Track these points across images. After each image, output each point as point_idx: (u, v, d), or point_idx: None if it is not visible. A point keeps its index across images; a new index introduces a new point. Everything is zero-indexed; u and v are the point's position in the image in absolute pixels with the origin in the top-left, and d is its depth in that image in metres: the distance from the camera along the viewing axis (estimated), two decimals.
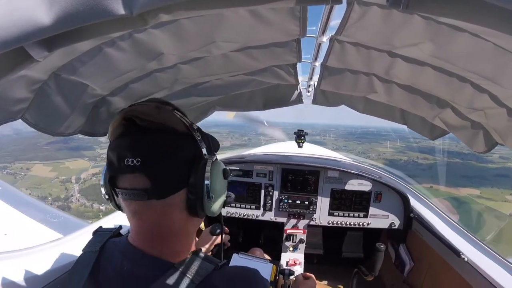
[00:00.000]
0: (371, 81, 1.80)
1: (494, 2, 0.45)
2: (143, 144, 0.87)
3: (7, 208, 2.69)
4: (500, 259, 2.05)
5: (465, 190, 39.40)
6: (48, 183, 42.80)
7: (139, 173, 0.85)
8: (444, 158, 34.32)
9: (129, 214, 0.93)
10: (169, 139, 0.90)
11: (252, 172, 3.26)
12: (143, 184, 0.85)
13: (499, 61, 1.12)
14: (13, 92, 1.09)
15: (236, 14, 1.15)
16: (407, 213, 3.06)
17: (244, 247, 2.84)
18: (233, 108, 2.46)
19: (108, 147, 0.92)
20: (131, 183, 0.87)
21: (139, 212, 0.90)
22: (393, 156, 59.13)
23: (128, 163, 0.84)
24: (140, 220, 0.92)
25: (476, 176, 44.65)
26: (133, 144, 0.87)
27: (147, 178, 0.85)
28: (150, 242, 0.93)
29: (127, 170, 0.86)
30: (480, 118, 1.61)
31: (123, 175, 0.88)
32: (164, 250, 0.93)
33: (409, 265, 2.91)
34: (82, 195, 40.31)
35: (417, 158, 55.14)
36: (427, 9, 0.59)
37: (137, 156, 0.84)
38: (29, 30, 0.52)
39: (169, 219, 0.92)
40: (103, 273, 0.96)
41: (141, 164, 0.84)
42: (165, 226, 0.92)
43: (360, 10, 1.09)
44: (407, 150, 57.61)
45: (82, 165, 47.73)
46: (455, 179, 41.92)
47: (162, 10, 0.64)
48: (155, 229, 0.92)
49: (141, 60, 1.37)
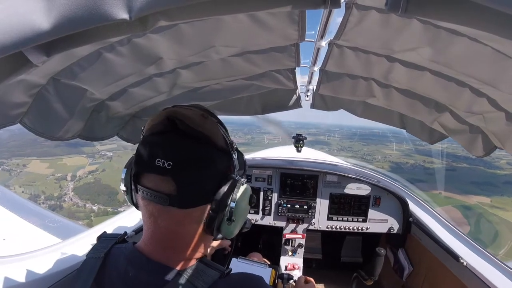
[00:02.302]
0: (370, 86, 1.80)
1: (493, 6, 0.45)
2: (179, 148, 0.85)
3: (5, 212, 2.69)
4: (499, 263, 2.04)
5: (475, 198, 38.72)
6: (43, 180, 42.52)
7: (167, 177, 0.83)
8: (451, 162, 34.05)
9: (146, 214, 0.91)
10: (206, 151, 0.87)
11: (250, 177, 3.25)
12: (168, 189, 0.83)
13: (497, 65, 1.12)
14: (11, 97, 1.09)
15: (235, 19, 1.15)
16: (406, 217, 3.06)
17: (243, 251, 2.83)
18: (232, 112, 2.46)
19: (141, 141, 0.90)
20: (156, 185, 0.85)
21: (156, 215, 0.88)
22: (399, 159, 58.62)
23: (158, 164, 0.82)
24: (155, 223, 0.89)
25: (485, 183, 44.08)
26: (169, 145, 0.85)
27: (174, 184, 0.83)
28: (161, 249, 0.92)
29: (156, 170, 0.83)
30: (478, 122, 1.61)
31: (150, 174, 0.86)
32: (172, 257, 0.92)
33: (408, 270, 2.91)
34: (76, 193, 40.11)
35: (424, 161, 54.59)
36: (425, 13, 0.59)
37: (169, 159, 0.82)
38: (27, 34, 0.52)
39: (184, 230, 0.90)
40: (108, 279, 0.94)
41: (172, 168, 0.81)
42: (179, 235, 0.91)
43: (358, 15, 1.09)
44: (414, 153, 57.01)
45: (80, 162, 47.43)
46: (464, 186, 41.48)
47: (161, 15, 0.64)
48: (169, 236, 0.90)
49: (140, 64, 1.37)
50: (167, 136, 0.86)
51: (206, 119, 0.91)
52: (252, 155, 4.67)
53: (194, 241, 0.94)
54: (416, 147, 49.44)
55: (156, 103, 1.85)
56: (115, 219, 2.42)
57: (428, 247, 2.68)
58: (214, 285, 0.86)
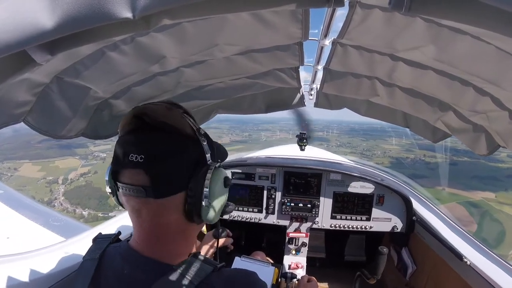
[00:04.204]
0: (373, 85, 1.80)
1: (496, 5, 0.45)
2: (149, 141, 0.89)
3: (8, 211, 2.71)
4: (503, 262, 2.03)
5: (480, 193, 38.00)
6: (34, 185, 42.25)
7: (140, 170, 0.86)
8: (451, 156, 33.37)
9: (129, 210, 0.94)
10: (175, 140, 0.91)
11: (254, 175, 3.25)
12: (143, 181, 0.86)
13: (501, 64, 1.12)
14: (15, 95, 1.10)
15: (239, 17, 1.15)
16: (409, 216, 3.04)
17: (246, 250, 2.83)
18: (235, 111, 2.46)
19: (116, 142, 0.94)
20: (131, 179, 0.88)
21: (137, 208, 0.91)
22: (399, 154, 58.11)
23: (131, 159, 0.86)
24: (139, 217, 0.93)
25: (488, 177, 43.42)
26: (139, 140, 0.90)
27: (147, 175, 0.86)
28: (149, 243, 0.94)
29: (129, 165, 0.87)
30: (482, 121, 1.61)
31: (126, 170, 0.90)
32: (163, 252, 0.94)
33: (412, 269, 2.90)
34: (66, 198, 39.83)
35: (424, 156, 53.93)
36: (429, 12, 0.59)
37: (141, 153, 0.86)
38: (31, 33, 0.52)
39: (166, 220, 0.92)
40: (104, 278, 0.96)
41: (144, 161, 0.85)
42: (162, 226, 0.93)
43: (362, 13, 1.09)
44: (413, 148, 56.33)
45: (72, 163, 47.17)
46: (467, 180, 40.78)
47: (164, 14, 0.64)
48: (153, 229, 0.93)
49: (143, 63, 1.37)
50: (137, 132, 0.92)
51: (171, 110, 0.94)
52: (256, 154, 4.67)
53: (180, 231, 0.97)
54: (416, 141, 49.14)
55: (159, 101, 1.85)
56: (117, 218, 2.43)
57: (432, 246, 2.67)
58: (207, 279, 0.88)
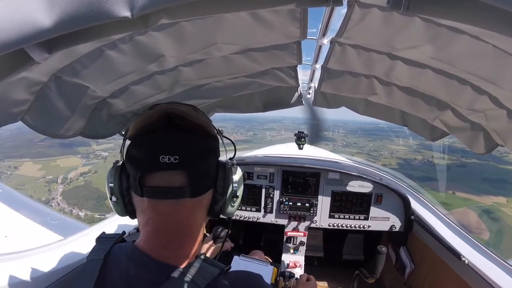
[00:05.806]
0: (371, 83, 1.80)
1: (494, 4, 0.45)
2: (181, 142, 0.89)
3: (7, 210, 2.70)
4: (500, 261, 2.04)
5: (491, 198, 36.72)
6: (33, 184, 41.83)
7: (176, 170, 0.86)
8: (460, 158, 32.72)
9: (152, 215, 0.91)
10: (205, 141, 0.95)
11: (252, 174, 3.25)
12: (180, 182, 0.87)
13: (499, 62, 1.12)
14: (13, 94, 1.09)
15: (237, 16, 1.15)
16: (408, 215, 3.05)
17: (244, 249, 2.83)
18: (234, 110, 2.46)
19: (134, 144, 0.91)
20: (167, 181, 0.87)
21: (169, 212, 0.90)
22: (406, 155, 57.11)
23: (163, 160, 0.84)
24: (167, 221, 0.91)
25: (498, 180, 42.08)
26: (171, 141, 0.88)
27: (185, 176, 0.87)
28: (159, 245, 0.93)
29: (163, 167, 0.85)
30: (480, 120, 1.61)
31: (156, 173, 0.87)
32: (172, 254, 0.93)
33: (410, 268, 2.91)
34: (64, 198, 39.39)
35: (432, 157, 51.77)
36: (427, 11, 0.60)
37: (174, 154, 0.84)
38: (29, 32, 0.52)
39: (194, 218, 0.95)
40: (109, 279, 0.94)
41: (179, 162, 0.85)
42: (188, 226, 0.94)
43: (360, 12, 1.09)
44: (422, 149, 54.68)
45: (74, 162, 46.73)
46: (477, 184, 39.91)
47: (162, 12, 0.64)
48: (178, 231, 0.93)
49: (141, 62, 1.36)
50: (167, 132, 0.89)
51: (198, 112, 0.97)
52: (254, 153, 4.67)
53: (199, 228, 0.99)
54: (423, 142, 48.31)
55: (157, 100, 1.85)
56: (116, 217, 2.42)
57: (430, 245, 2.68)
58: (214, 282, 0.88)
